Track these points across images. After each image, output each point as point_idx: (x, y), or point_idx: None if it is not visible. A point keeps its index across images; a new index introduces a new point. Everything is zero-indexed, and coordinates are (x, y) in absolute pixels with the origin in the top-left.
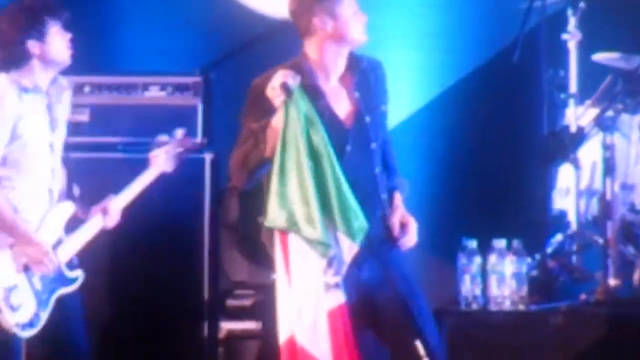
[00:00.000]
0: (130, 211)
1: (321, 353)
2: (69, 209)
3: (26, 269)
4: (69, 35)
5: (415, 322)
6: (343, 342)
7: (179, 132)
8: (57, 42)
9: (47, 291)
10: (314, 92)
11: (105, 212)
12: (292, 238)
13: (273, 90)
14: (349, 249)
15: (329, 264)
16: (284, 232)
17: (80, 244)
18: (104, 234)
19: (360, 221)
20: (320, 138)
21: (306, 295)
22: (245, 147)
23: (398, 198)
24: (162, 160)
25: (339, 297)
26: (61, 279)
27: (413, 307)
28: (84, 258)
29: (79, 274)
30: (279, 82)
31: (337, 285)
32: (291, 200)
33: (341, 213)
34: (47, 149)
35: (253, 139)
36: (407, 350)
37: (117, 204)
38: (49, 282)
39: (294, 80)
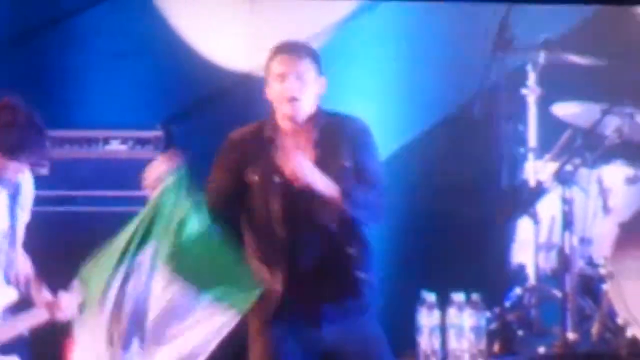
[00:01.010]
0: None
1: None
2: (8, 295)
3: None
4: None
5: None
6: None
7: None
8: (11, 170)
9: None
10: (269, 149)
11: (57, 307)
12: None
13: (145, 181)
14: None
15: None
16: None
17: (20, 329)
18: None
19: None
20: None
21: None
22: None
23: None
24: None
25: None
26: None
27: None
28: None
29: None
30: (153, 174)
31: None
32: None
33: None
34: None
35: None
36: None
37: (74, 298)
38: None
39: (167, 171)
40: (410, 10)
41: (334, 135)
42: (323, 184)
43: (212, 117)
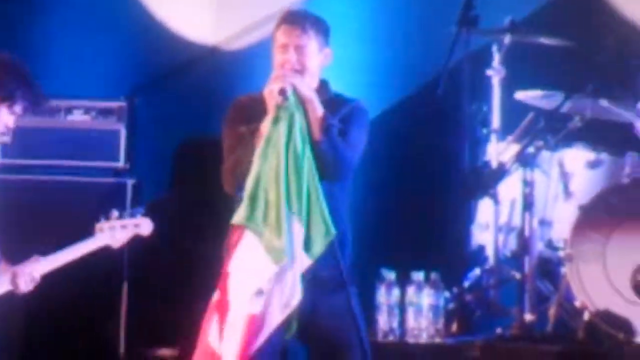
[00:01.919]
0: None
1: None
2: None
3: None
4: (11, 124)
5: (363, 347)
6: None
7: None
8: (1, 120)
9: None
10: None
11: (19, 275)
12: (250, 239)
13: (270, 94)
14: (300, 262)
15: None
16: (241, 230)
17: None
18: None
19: (321, 241)
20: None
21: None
22: (235, 154)
23: None
24: (107, 233)
25: (260, 305)
26: None
27: (360, 332)
28: None
29: None
30: (277, 86)
31: (261, 293)
32: (261, 204)
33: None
34: None
35: (242, 145)
36: None
37: (41, 268)
38: None
39: (290, 87)
40: None
41: (332, 110)
42: (318, 104)
43: (176, 89)
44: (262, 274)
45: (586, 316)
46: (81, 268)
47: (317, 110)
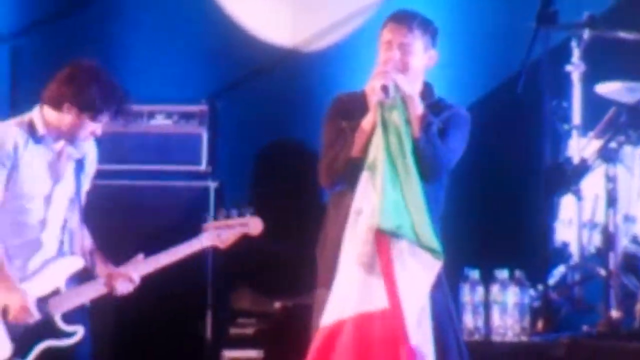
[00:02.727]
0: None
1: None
2: (74, 263)
3: (4, 314)
4: (98, 132)
5: (459, 346)
6: None
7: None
8: (87, 129)
9: (28, 340)
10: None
11: (116, 277)
12: (403, 242)
13: (372, 91)
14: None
15: None
16: (384, 236)
17: (83, 299)
18: None
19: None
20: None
21: (415, 296)
22: (334, 149)
23: None
24: (213, 233)
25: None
26: (50, 331)
27: (456, 331)
28: None
29: (76, 329)
30: (379, 83)
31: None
32: (403, 206)
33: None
34: (40, 201)
35: (342, 140)
36: None
37: (142, 269)
38: (33, 332)
39: (392, 84)
40: None
41: (434, 113)
42: (418, 102)
43: (256, 91)
44: (429, 275)
45: None
46: (164, 271)
47: (418, 108)
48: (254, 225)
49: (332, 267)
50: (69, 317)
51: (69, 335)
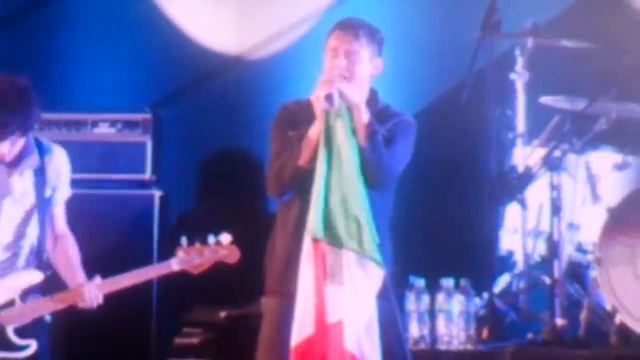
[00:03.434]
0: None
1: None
2: (31, 277)
3: None
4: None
5: (404, 351)
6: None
7: (227, 238)
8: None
9: None
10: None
11: (86, 293)
12: (344, 251)
13: (317, 99)
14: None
15: None
16: (319, 244)
17: (38, 313)
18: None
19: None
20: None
21: (358, 302)
22: (282, 158)
23: None
24: (185, 258)
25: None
26: (1, 343)
27: (401, 336)
28: None
29: (29, 343)
30: (323, 92)
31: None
32: (335, 213)
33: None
34: None
35: (289, 149)
36: None
37: (109, 287)
38: None
39: (337, 92)
40: None
41: (380, 121)
42: (364, 110)
43: (201, 100)
44: (373, 285)
45: (617, 319)
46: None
47: (363, 116)
48: (232, 254)
49: (280, 277)
50: (21, 330)
51: (19, 348)
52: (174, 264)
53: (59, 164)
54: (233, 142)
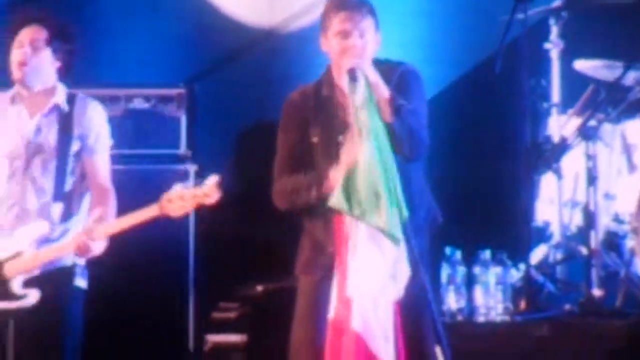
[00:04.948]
0: None
1: (378, 342)
2: (39, 228)
3: None
4: (23, 51)
5: (436, 329)
6: (398, 335)
7: (213, 180)
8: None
9: None
10: (328, 108)
11: (89, 237)
12: (362, 225)
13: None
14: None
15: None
16: (342, 216)
17: (44, 262)
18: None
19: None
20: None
21: (371, 282)
22: (297, 183)
23: None
24: (164, 203)
25: (400, 291)
26: (3, 293)
27: (433, 313)
28: None
29: (30, 292)
30: (345, 66)
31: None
32: (358, 187)
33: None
34: (5, 164)
35: (306, 182)
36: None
37: (105, 230)
38: None
39: (361, 72)
40: None
41: (383, 78)
42: (384, 86)
43: (234, 74)
44: (387, 260)
45: None
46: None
47: (385, 92)
48: (210, 195)
49: (309, 256)
50: (25, 281)
51: (19, 298)
52: (156, 209)
53: (92, 113)
54: (267, 116)
